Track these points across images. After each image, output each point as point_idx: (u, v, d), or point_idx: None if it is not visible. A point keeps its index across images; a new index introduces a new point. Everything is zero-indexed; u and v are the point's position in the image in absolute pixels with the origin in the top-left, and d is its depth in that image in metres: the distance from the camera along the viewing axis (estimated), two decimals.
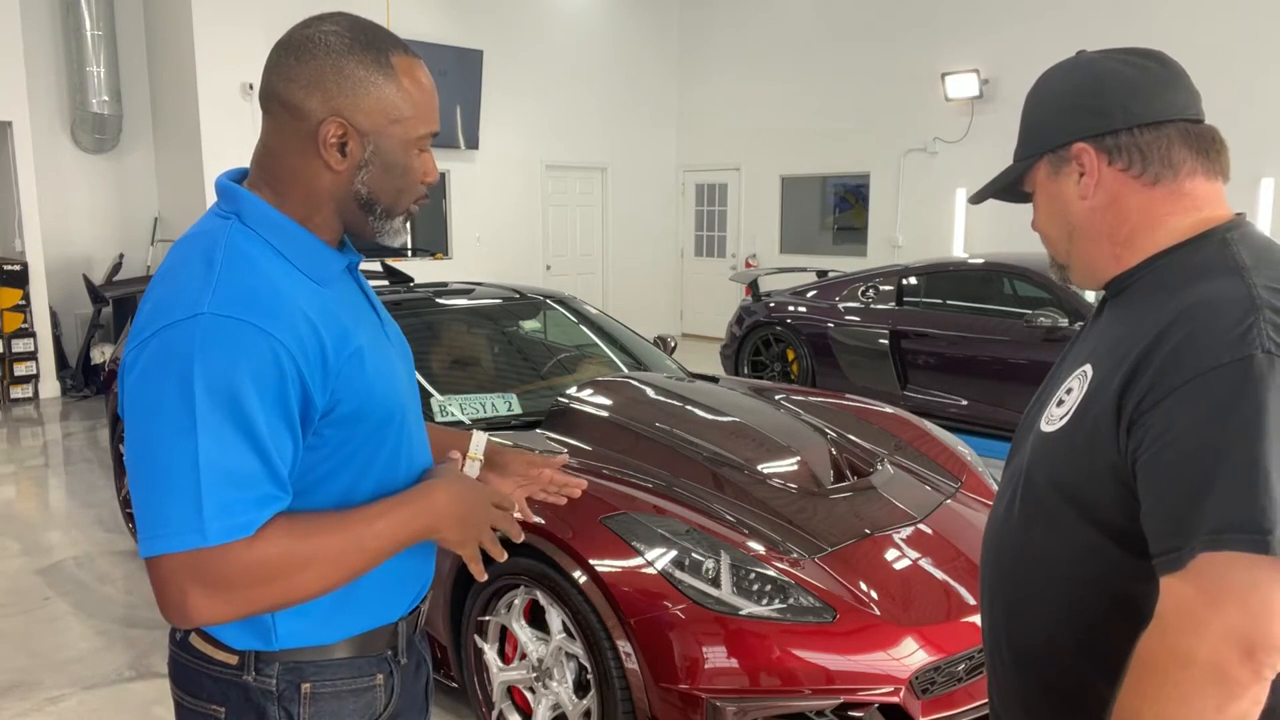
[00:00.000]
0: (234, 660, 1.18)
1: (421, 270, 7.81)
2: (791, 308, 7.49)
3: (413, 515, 1.17)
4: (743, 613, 2.41)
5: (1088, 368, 1.12)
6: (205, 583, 1.02)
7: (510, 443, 1.29)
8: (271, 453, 1.05)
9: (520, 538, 1.32)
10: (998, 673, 1.27)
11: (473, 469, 1.32)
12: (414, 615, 1.32)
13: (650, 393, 3.64)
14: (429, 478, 1.25)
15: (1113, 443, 1.03)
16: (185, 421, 1.01)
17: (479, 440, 1.35)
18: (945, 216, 9.91)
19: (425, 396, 3.28)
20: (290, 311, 1.08)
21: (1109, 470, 1.04)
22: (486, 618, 2.75)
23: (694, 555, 2.50)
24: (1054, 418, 1.14)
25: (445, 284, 4.70)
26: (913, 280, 6.99)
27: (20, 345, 7.92)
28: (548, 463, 1.46)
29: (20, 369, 7.97)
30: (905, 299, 6.95)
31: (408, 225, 1.24)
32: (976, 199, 1.31)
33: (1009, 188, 1.27)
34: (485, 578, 1.28)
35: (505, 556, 1.27)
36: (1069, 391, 1.14)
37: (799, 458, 3.16)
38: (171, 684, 1.25)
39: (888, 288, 7.04)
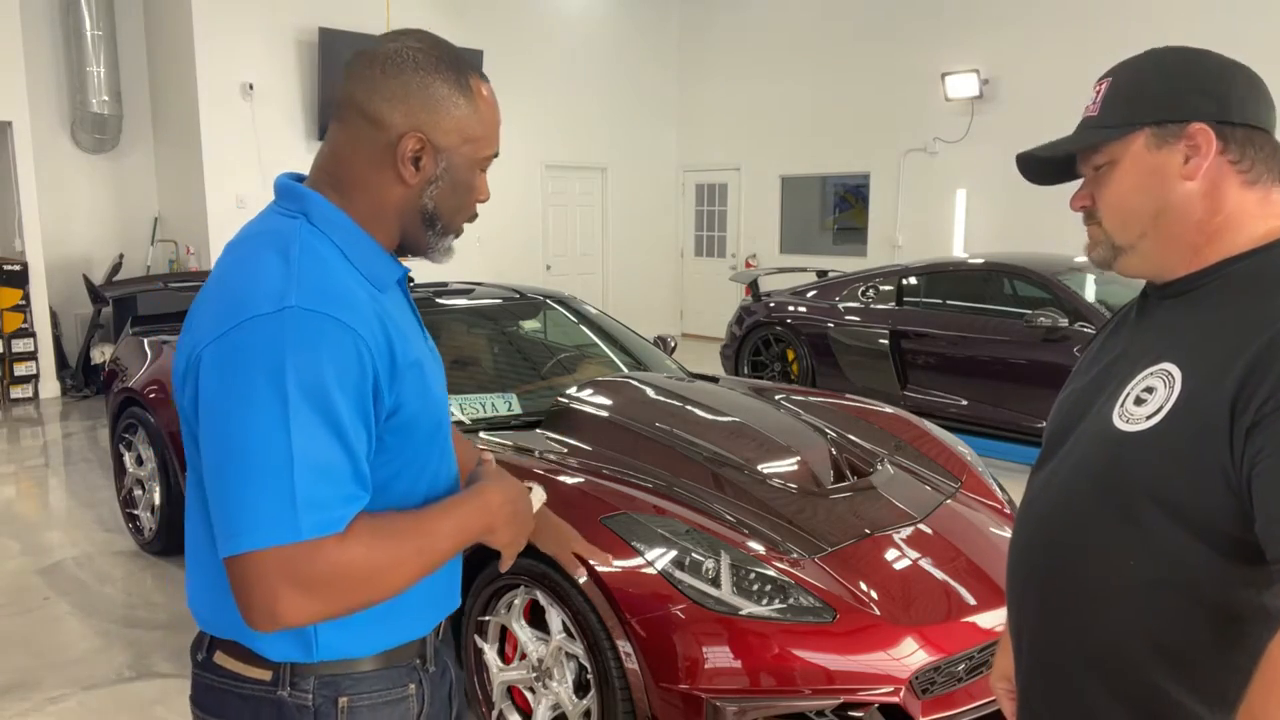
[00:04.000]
0: (268, 676, 1.16)
1: (422, 270, 7.80)
2: (791, 308, 7.49)
3: (473, 515, 1.19)
4: (743, 613, 2.41)
5: (1170, 367, 1.09)
6: (297, 581, 1.00)
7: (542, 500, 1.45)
8: (356, 449, 1.06)
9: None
10: (1046, 678, 1.22)
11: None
12: (439, 627, 1.35)
13: (650, 393, 3.64)
14: (473, 481, 1.27)
15: (1224, 447, 1.00)
16: (277, 415, 1.00)
17: (539, 494, 1.42)
18: (945, 216, 9.91)
19: None
20: (365, 310, 1.09)
21: (1217, 474, 1.01)
22: (486, 618, 2.75)
23: (694, 555, 2.50)
24: (1135, 416, 1.10)
25: (445, 284, 4.70)
26: (913, 280, 6.99)
27: (20, 345, 7.92)
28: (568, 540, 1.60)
29: (20, 369, 7.96)
30: (905, 299, 6.95)
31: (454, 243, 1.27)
32: (1040, 152, 1.22)
33: (1063, 160, 1.22)
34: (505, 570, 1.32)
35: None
36: (1149, 390, 1.10)
37: (799, 458, 3.16)
38: (193, 707, 1.23)
39: (888, 288, 7.04)
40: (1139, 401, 1.11)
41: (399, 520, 1.11)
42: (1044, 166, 1.25)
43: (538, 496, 1.41)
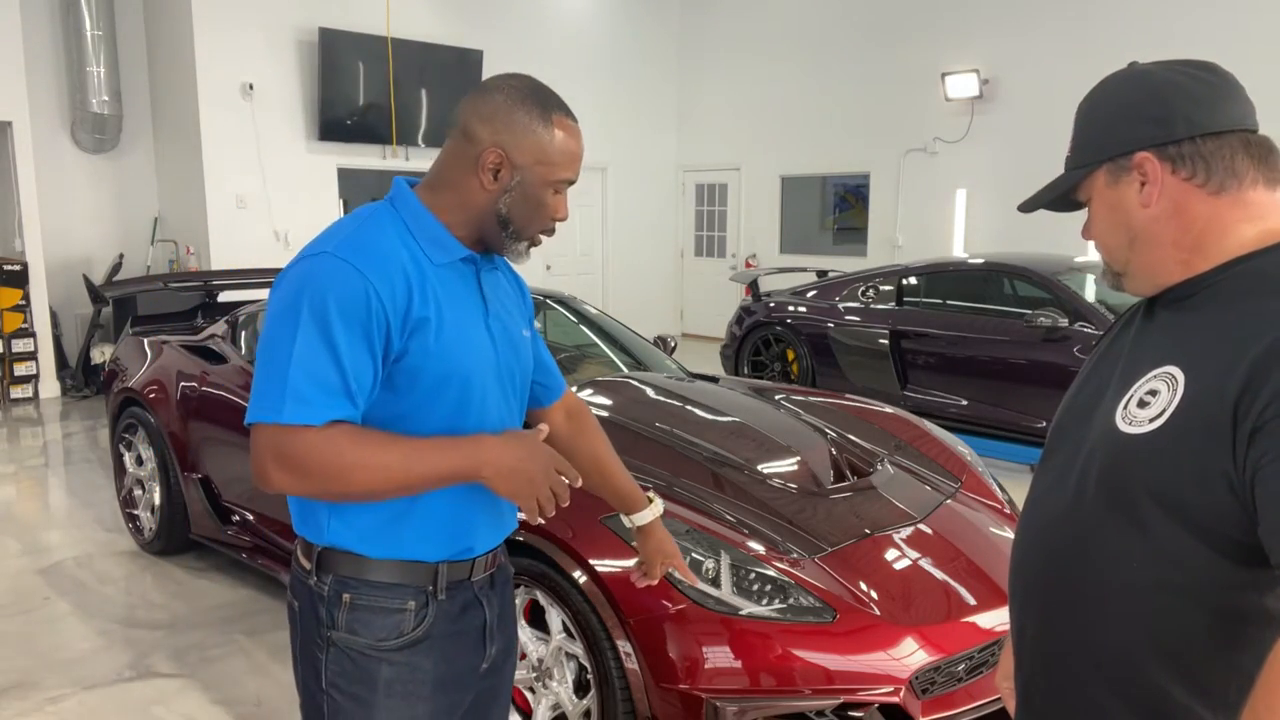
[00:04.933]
0: (308, 567, 1.46)
1: None
2: (791, 308, 7.49)
3: (459, 454, 1.37)
4: (743, 613, 2.41)
5: (1173, 370, 1.09)
6: (277, 455, 1.31)
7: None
8: (348, 369, 1.32)
9: (565, 502, 1.38)
10: (1048, 678, 1.22)
11: (643, 518, 1.74)
12: (463, 565, 1.50)
13: (650, 393, 3.64)
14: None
15: (1227, 450, 1.00)
16: (290, 329, 1.31)
17: (658, 506, 1.76)
18: (945, 216, 9.91)
19: None
20: (392, 268, 1.36)
21: (1220, 477, 1.01)
22: None
23: (694, 555, 2.50)
24: (1138, 419, 1.10)
25: None
26: (913, 280, 6.99)
27: (20, 345, 7.92)
28: (674, 566, 1.77)
29: (20, 369, 7.96)
30: (905, 299, 6.95)
31: (530, 249, 1.52)
32: (1026, 207, 1.29)
33: (1060, 197, 1.25)
34: (539, 521, 1.39)
35: (539, 520, 1.38)
36: (1152, 393, 1.10)
37: (799, 458, 3.16)
38: (289, 590, 1.55)
39: (888, 288, 7.04)
40: (1142, 404, 1.11)
41: (385, 436, 1.36)
42: (1054, 202, 1.28)
43: (654, 509, 1.73)
